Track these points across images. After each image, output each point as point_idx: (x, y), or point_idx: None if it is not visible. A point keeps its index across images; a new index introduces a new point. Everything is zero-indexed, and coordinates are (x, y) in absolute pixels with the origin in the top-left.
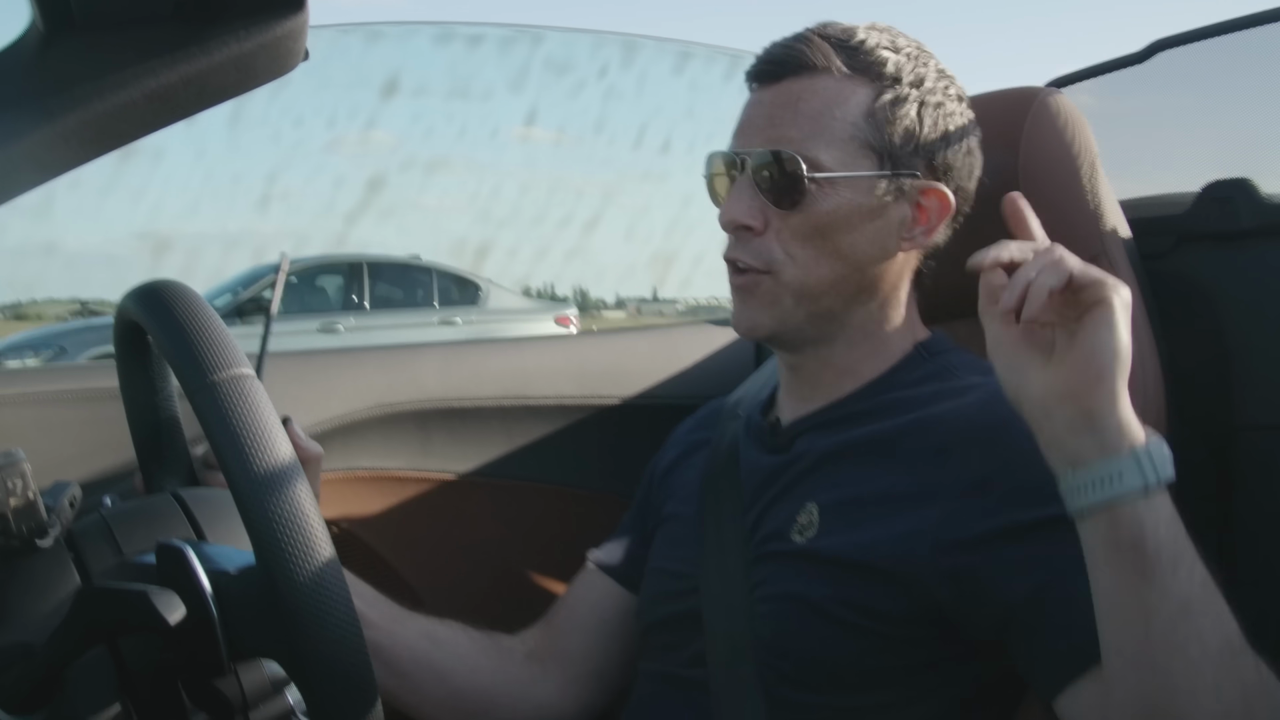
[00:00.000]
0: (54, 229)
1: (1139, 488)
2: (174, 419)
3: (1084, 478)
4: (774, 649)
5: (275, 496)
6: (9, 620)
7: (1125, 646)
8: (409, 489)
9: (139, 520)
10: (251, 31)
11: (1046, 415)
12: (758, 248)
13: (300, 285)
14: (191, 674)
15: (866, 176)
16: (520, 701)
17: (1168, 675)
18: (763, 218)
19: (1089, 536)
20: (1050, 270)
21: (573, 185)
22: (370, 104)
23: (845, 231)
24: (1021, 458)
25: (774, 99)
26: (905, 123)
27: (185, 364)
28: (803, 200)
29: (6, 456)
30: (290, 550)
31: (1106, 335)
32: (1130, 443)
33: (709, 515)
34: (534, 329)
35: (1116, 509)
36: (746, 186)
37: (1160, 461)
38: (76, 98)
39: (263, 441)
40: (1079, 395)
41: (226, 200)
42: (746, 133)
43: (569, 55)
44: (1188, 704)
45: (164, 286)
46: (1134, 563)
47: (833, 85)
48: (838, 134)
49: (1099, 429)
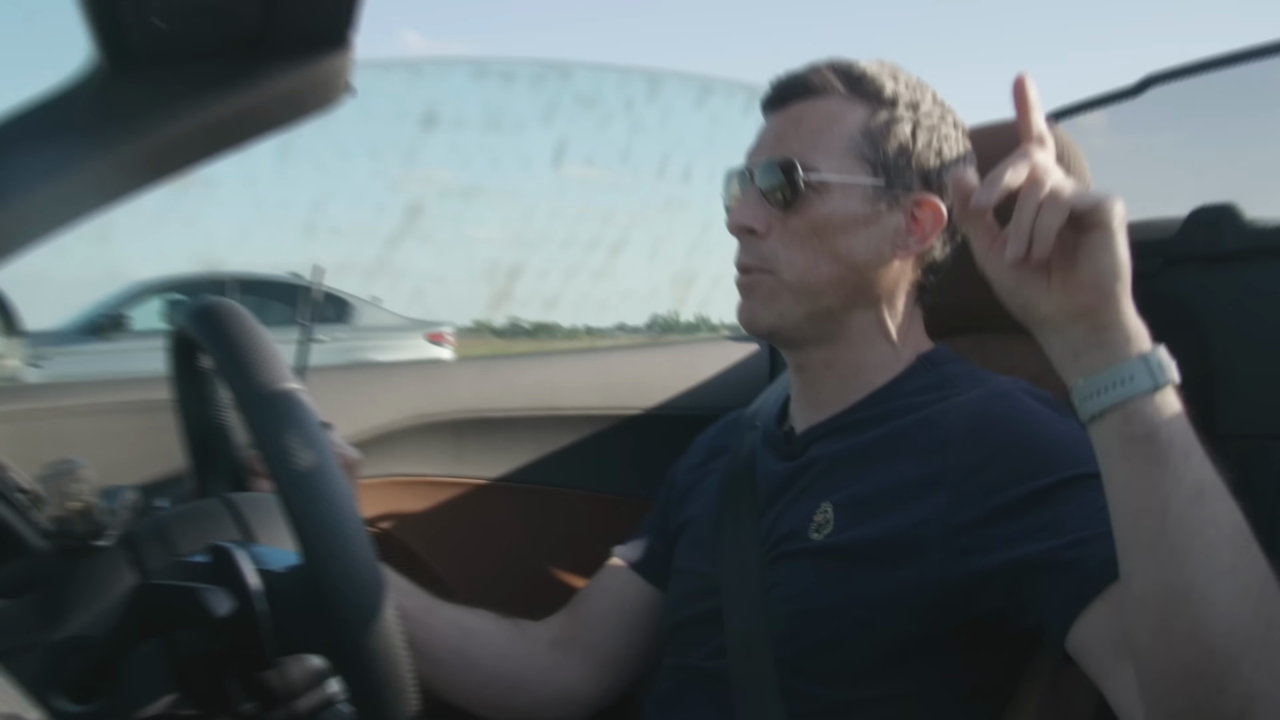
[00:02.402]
0: (114, 253)
1: (1149, 387)
2: (224, 428)
3: (1097, 384)
4: (788, 643)
5: (319, 500)
6: (71, 614)
7: (1143, 536)
8: (444, 493)
9: (192, 522)
10: (299, 68)
11: (1056, 332)
12: (761, 249)
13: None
14: (240, 665)
15: (860, 184)
16: (544, 686)
17: (1187, 556)
18: (765, 221)
19: (1102, 437)
20: (1050, 208)
21: (600, 211)
22: (411, 136)
23: (841, 234)
24: (1016, 441)
25: (781, 120)
26: (900, 139)
27: (236, 377)
28: (800, 202)
29: (69, 464)
30: (333, 550)
31: (1108, 257)
32: (1138, 348)
33: (728, 518)
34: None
35: (1129, 406)
36: (752, 194)
37: (1165, 363)
38: (135, 129)
39: (306, 446)
40: (1087, 314)
41: (275, 226)
42: (757, 151)
43: (597, 90)
44: (1207, 585)
45: (216, 306)
46: (1149, 453)
47: (833, 105)
48: (835, 146)
49: (1108, 341)
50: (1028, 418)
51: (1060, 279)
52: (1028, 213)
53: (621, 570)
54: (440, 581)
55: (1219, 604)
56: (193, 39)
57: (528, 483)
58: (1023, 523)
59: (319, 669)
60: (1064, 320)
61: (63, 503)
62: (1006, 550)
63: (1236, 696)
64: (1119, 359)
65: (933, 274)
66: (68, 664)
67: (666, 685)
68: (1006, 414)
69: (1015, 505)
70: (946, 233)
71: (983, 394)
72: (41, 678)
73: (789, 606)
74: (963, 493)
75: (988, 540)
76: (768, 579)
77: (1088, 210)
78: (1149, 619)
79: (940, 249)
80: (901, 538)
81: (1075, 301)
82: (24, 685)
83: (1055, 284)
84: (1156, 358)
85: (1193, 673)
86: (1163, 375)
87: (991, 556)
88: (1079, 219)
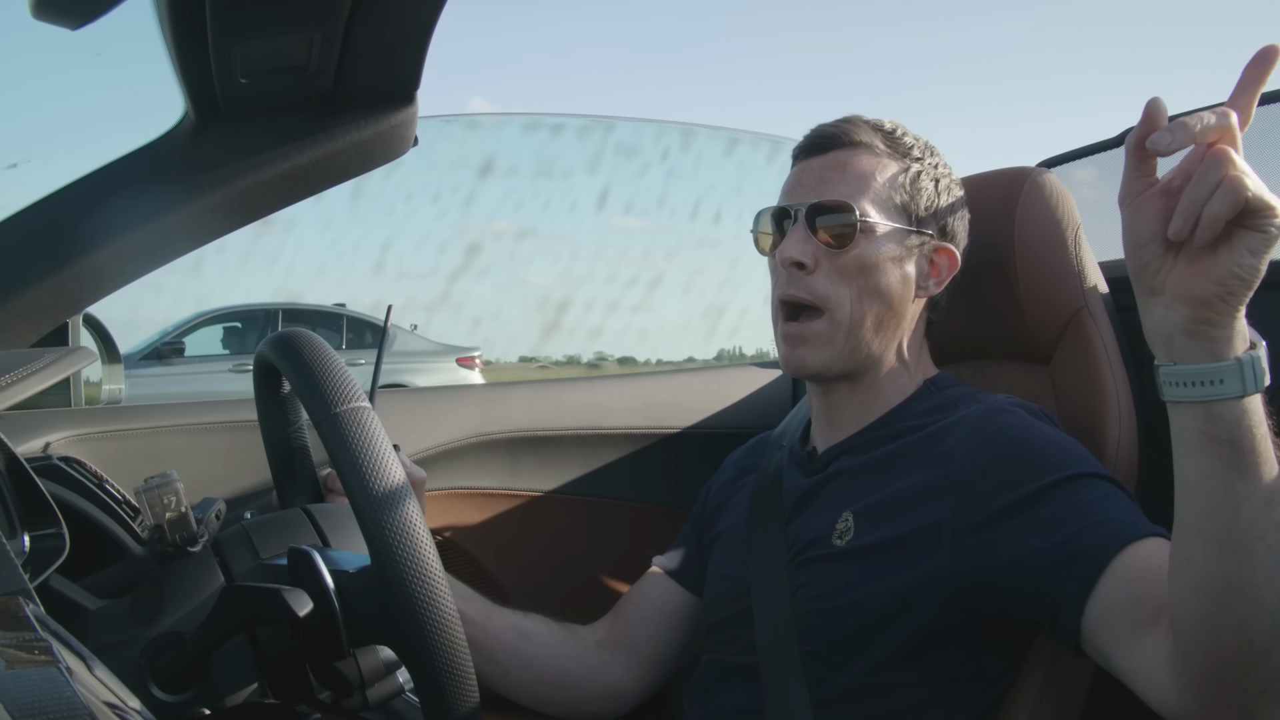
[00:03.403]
0: (203, 287)
1: (1237, 393)
2: (304, 446)
3: (1186, 374)
4: (813, 638)
5: (388, 510)
6: (166, 613)
7: (1210, 529)
8: (501, 504)
9: (274, 530)
10: (369, 121)
11: (1161, 306)
12: (810, 284)
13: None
14: (317, 658)
15: (900, 230)
16: (591, 682)
17: (1249, 557)
18: (814, 257)
19: (1181, 423)
20: (1226, 193)
21: (639, 250)
22: (470, 183)
23: (881, 274)
24: (1012, 451)
25: (823, 165)
26: (926, 193)
27: (313, 399)
28: (851, 243)
29: (163, 477)
30: (401, 555)
31: (1250, 260)
32: (1236, 351)
33: (757, 528)
34: (436, 369)
35: (1214, 407)
36: (800, 231)
37: (1260, 372)
38: (222, 176)
39: (378, 464)
40: (1203, 303)
41: (348, 264)
42: (797, 191)
43: (636, 141)
44: (1263, 583)
45: (295, 335)
46: (1227, 456)
47: (873, 159)
48: (878, 194)
49: (1212, 337)
50: (1023, 429)
51: (1190, 259)
52: (1204, 189)
53: (660, 577)
54: (497, 583)
55: (1268, 601)
56: (274, 96)
57: (576, 494)
58: (1022, 522)
59: (388, 661)
60: (1174, 300)
61: (158, 513)
62: (1010, 548)
63: (1263, 678)
64: (1215, 357)
65: (937, 310)
66: (163, 657)
67: (702, 679)
68: (1004, 427)
69: (1014, 507)
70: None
71: (982, 409)
72: (139, 670)
73: (814, 605)
74: (967, 498)
75: (992, 540)
76: (794, 581)
77: (1261, 209)
78: (1200, 603)
79: (944, 289)
80: (914, 539)
81: (1195, 288)
82: (124, 676)
83: (1183, 262)
84: (1253, 363)
85: (1230, 656)
86: (1254, 383)
87: (996, 554)
88: (1245, 214)
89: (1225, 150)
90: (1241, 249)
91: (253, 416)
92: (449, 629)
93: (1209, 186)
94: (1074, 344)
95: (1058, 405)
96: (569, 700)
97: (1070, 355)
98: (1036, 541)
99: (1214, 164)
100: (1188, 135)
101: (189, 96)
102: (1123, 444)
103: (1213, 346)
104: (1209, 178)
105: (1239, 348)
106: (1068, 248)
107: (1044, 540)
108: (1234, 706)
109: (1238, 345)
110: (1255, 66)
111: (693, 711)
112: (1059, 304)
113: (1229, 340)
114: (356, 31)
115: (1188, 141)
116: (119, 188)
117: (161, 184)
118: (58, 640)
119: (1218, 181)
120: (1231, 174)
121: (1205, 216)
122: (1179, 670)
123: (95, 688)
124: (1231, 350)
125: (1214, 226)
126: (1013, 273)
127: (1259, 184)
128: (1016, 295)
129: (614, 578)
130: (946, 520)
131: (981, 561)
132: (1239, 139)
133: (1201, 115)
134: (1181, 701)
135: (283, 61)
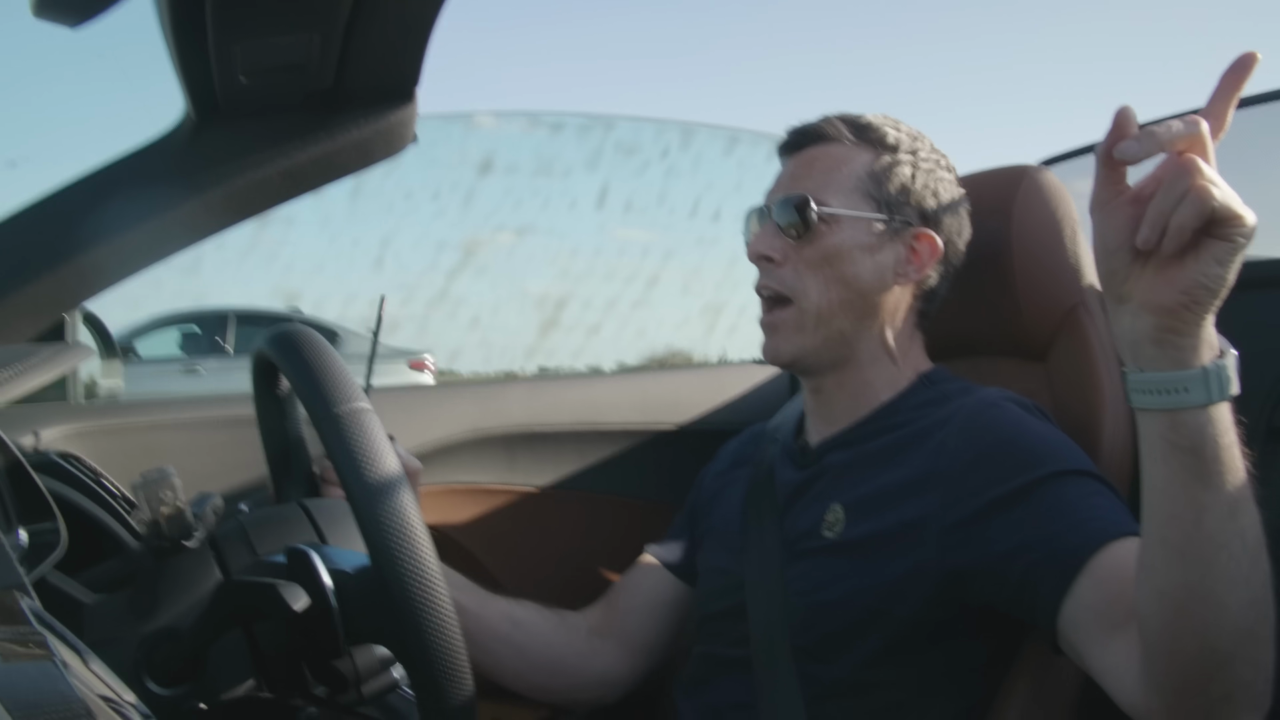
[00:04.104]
0: (203, 284)
1: (1201, 402)
2: (300, 441)
3: (1151, 382)
4: (805, 631)
5: (385, 506)
6: (161, 608)
7: (1172, 537)
8: (497, 499)
9: (271, 526)
10: (369, 119)
11: (1128, 314)
12: (779, 275)
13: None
14: (313, 655)
15: (865, 218)
16: (583, 669)
17: (1211, 566)
18: (781, 251)
19: (1148, 429)
20: (1193, 202)
21: (639, 248)
22: (469, 180)
23: (848, 262)
24: (1001, 445)
25: (795, 163)
26: (901, 179)
27: (312, 396)
28: (812, 234)
29: (160, 472)
30: (398, 551)
31: (1216, 270)
32: (1202, 360)
33: (751, 521)
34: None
35: (1178, 416)
36: (769, 227)
37: (1225, 380)
38: (222, 174)
39: (375, 460)
40: (1168, 312)
41: (347, 261)
42: (774, 190)
43: (636, 139)
44: (1226, 592)
45: (293, 331)
46: (1190, 465)
47: (842, 150)
48: (843, 185)
49: (1177, 345)
50: (1012, 423)
51: (1158, 268)
52: (1170, 199)
53: (653, 566)
54: (492, 577)
55: (1231, 609)
56: (274, 94)
57: (573, 490)
58: (1007, 517)
59: (384, 657)
60: (1141, 308)
61: (155, 508)
62: (994, 543)
63: (1226, 683)
64: (1181, 365)
65: (931, 301)
66: (159, 652)
67: (694, 670)
68: (994, 420)
69: (1000, 502)
70: (943, 264)
71: (973, 402)
72: (135, 665)
73: (806, 599)
74: (955, 492)
75: (978, 533)
76: (786, 574)
77: (1228, 219)
78: (1164, 611)
79: (937, 278)
80: (902, 532)
81: (1162, 297)
82: (120, 671)
83: (1150, 270)
84: (1219, 372)
85: (1193, 662)
86: (1220, 391)
87: (981, 549)
88: (1213, 223)
89: (1192, 159)
90: (1208, 258)
91: (249, 412)
92: (444, 627)
93: (1176, 196)
94: (1070, 341)
95: (1053, 402)
96: (560, 687)
97: (1066, 352)
98: (1020, 538)
99: (1181, 173)
100: (1155, 144)
101: (189, 94)
102: (1118, 440)
103: (1179, 355)
104: (1176, 187)
105: (1205, 356)
106: (1064, 244)
107: (1027, 537)
108: (1198, 711)
109: (1204, 354)
110: (1233, 73)
111: (684, 704)
112: (1056, 300)
113: (1195, 349)
114: (357, 29)
115: (1155, 150)
116: (119, 185)
117: (161, 181)
118: (54, 634)
119: (1184, 191)
120: (1198, 183)
121: (1172, 226)
122: (1145, 674)
123: (91, 682)
124: (1198, 359)
125: (1180, 236)
126: (1009, 269)
127: (1227, 193)
128: (1013, 291)
129: (610, 573)
130: (934, 514)
131: (967, 556)
132: (1209, 147)
133: (1170, 124)
134: (1148, 704)
135: (283, 60)
